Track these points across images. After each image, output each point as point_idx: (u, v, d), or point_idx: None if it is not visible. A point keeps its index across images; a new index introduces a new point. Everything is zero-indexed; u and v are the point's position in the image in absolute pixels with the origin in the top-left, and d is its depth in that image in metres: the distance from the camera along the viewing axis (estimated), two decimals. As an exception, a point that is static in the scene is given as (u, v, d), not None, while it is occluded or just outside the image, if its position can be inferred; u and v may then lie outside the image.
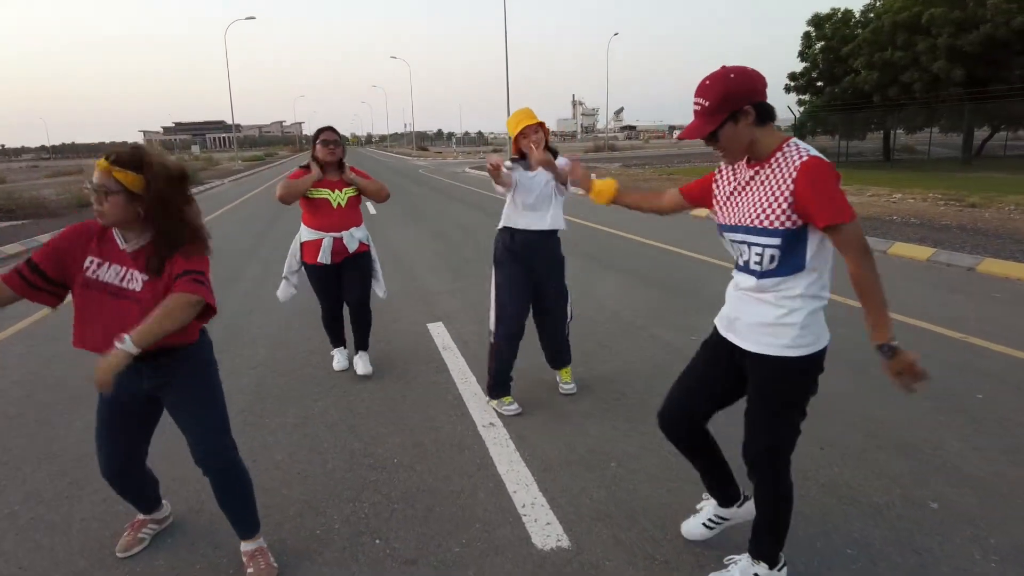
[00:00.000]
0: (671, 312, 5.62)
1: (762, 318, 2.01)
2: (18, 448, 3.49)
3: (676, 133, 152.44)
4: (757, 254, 1.96)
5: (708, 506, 2.53)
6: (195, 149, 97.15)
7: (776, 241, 1.90)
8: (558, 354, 3.87)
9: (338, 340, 4.49)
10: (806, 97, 28.68)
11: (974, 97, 20.99)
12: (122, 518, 2.77)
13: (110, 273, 2.11)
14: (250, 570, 2.36)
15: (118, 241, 2.12)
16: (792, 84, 28.88)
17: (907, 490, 2.76)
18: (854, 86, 24.37)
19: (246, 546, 2.41)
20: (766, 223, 1.90)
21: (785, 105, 29.54)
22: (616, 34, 59.86)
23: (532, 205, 3.55)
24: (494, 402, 3.71)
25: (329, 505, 2.81)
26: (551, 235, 3.66)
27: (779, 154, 1.89)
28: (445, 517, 2.67)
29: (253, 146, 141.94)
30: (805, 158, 1.83)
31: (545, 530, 2.56)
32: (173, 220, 2.06)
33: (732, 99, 1.84)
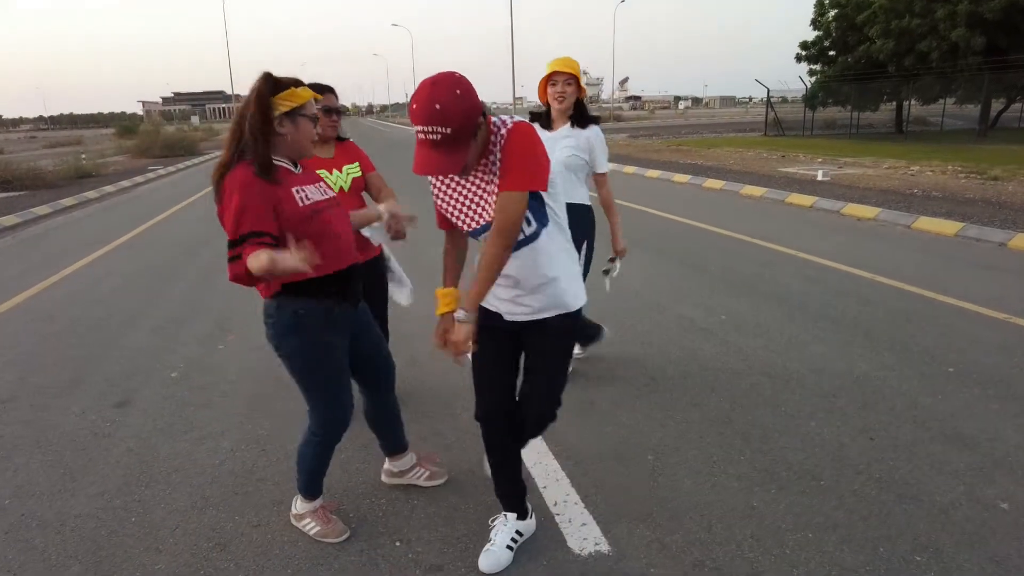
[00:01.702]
0: (695, 290, 5.36)
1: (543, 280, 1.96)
2: (10, 436, 3.28)
3: (682, 104, 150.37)
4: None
5: (504, 526, 2.25)
6: (195, 120, 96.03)
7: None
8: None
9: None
10: (817, 67, 27.98)
11: (994, 67, 20.39)
12: (120, 515, 2.57)
13: (314, 193, 2.09)
14: (425, 474, 2.65)
15: (290, 168, 2.07)
16: (803, 54, 28.14)
17: (972, 487, 2.54)
18: (868, 55, 23.68)
19: (400, 462, 2.62)
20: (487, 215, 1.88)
21: (796, 76, 28.89)
22: (622, 1, 58.49)
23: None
24: None
25: (344, 500, 2.60)
26: (584, 212, 3.41)
27: (492, 137, 1.81)
28: (471, 517, 2.45)
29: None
30: (509, 125, 1.80)
31: (581, 531, 2.34)
32: None
33: (473, 115, 1.69)
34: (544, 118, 3.32)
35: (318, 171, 2.74)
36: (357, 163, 3.03)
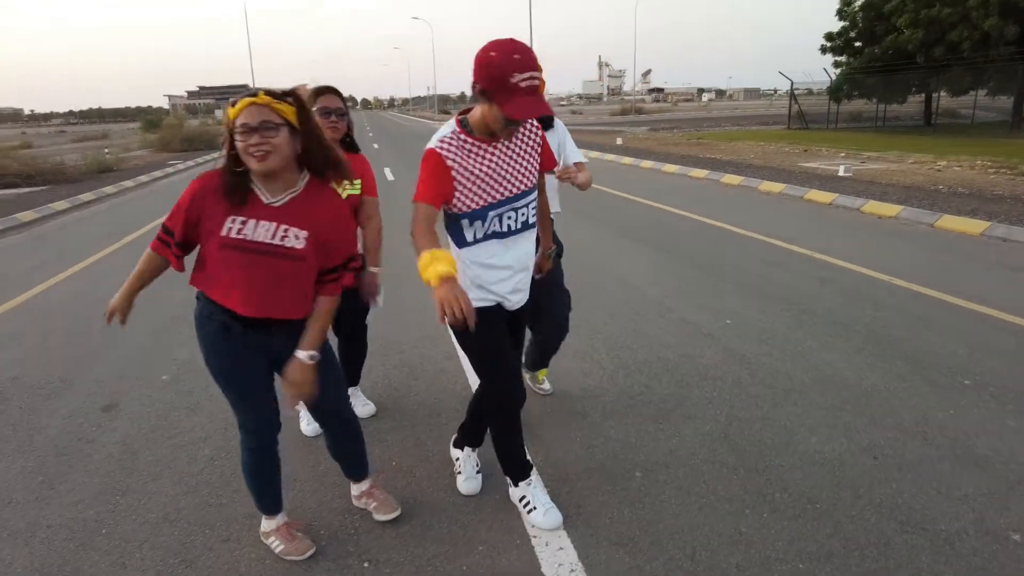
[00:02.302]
0: (702, 292, 5.20)
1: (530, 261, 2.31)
2: (-4, 439, 3.26)
3: (705, 96, 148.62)
4: (532, 208, 2.22)
5: (468, 459, 2.65)
6: (218, 113, 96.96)
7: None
8: (541, 353, 3.37)
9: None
10: (843, 58, 27.34)
11: (1027, 57, 19.72)
12: (91, 527, 2.51)
13: (260, 231, 1.93)
14: (373, 504, 2.46)
15: (261, 196, 1.96)
16: (828, 45, 27.50)
17: (981, 515, 2.37)
18: (896, 46, 23.05)
19: (358, 488, 2.49)
20: (532, 179, 2.18)
21: (821, 67, 28.29)
22: (645, -8, 57.65)
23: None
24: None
25: (317, 515, 2.52)
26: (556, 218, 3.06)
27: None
28: (444, 537, 2.35)
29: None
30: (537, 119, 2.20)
31: (557, 556, 2.23)
32: (325, 151, 2.00)
33: None
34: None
35: None
36: (359, 180, 2.82)
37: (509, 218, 2.14)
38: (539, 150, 2.21)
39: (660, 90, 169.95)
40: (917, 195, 9.13)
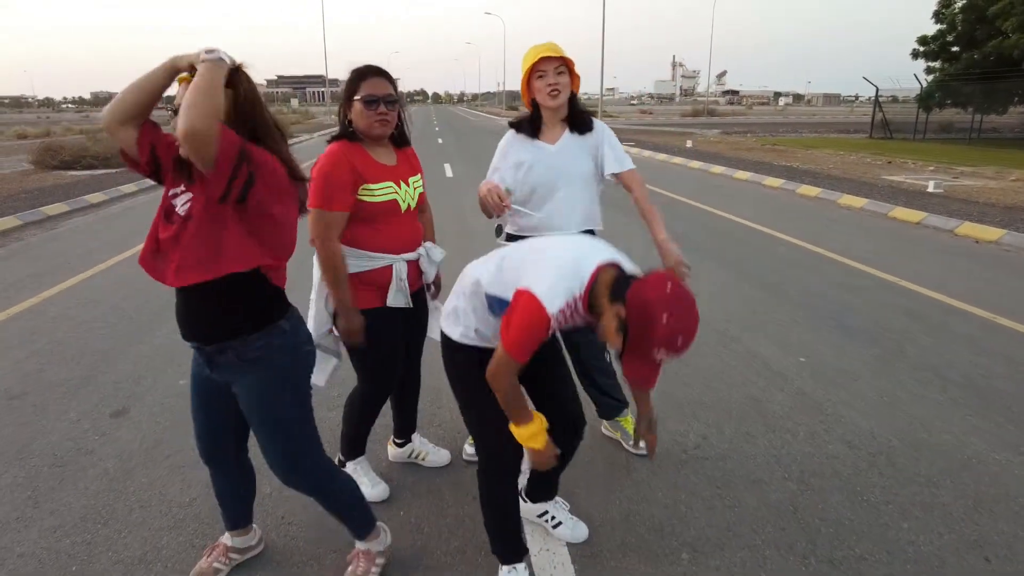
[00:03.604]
0: (772, 319, 4.65)
1: None
2: (0, 442, 3.09)
3: (782, 101, 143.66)
4: None
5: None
6: (294, 103, 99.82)
7: None
8: (604, 395, 2.86)
9: (362, 445, 2.66)
10: (936, 64, 25.56)
11: None
12: (63, 560, 2.26)
13: (181, 201, 1.69)
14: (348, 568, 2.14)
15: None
16: (921, 49, 25.77)
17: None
18: (999, 52, 21.33)
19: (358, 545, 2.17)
20: None
21: (911, 73, 26.59)
22: (724, -9, 55.88)
23: (548, 191, 2.54)
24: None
25: (313, 569, 2.19)
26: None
27: None
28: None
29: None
30: None
31: (579, 661, 1.82)
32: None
33: None
34: (529, 124, 2.56)
35: (387, 182, 2.26)
36: (420, 175, 2.45)
37: None
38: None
39: (735, 92, 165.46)
40: (1022, 217, 8.20)
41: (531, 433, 1.78)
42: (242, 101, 1.66)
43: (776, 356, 3.96)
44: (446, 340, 1.97)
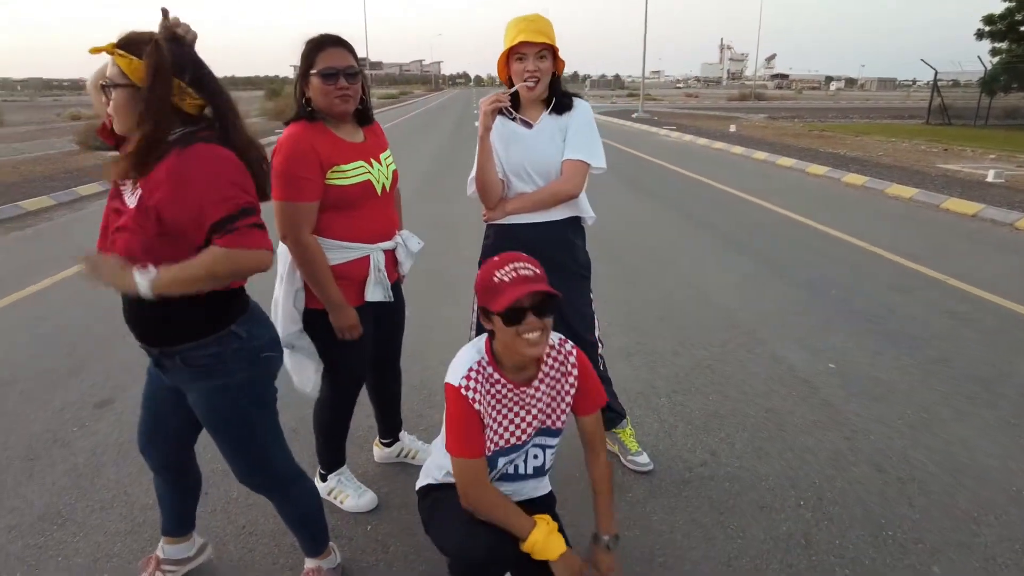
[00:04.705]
0: (803, 320, 4.29)
1: None
2: (-25, 430, 3.00)
3: (833, 85, 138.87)
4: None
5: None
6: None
7: None
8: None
9: (341, 455, 2.46)
10: (1003, 45, 24.09)
11: None
12: (11, 565, 2.14)
13: (121, 199, 1.57)
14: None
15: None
16: (987, 29, 24.34)
17: None
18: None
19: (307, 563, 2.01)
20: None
21: (974, 55, 25.11)
22: (776, -30, 53.93)
23: (527, 178, 2.28)
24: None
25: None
26: (564, 228, 2.34)
27: None
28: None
29: (393, 84, 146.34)
30: None
31: None
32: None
33: None
34: (512, 99, 2.25)
35: (359, 162, 2.03)
36: (388, 150, 2.22)
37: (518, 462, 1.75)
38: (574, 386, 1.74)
39: (784, 76, 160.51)
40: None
41: (539, 541, 1.56)
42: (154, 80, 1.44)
43: (803, 361, 3.63)
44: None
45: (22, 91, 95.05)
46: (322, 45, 1.94)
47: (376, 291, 2.14)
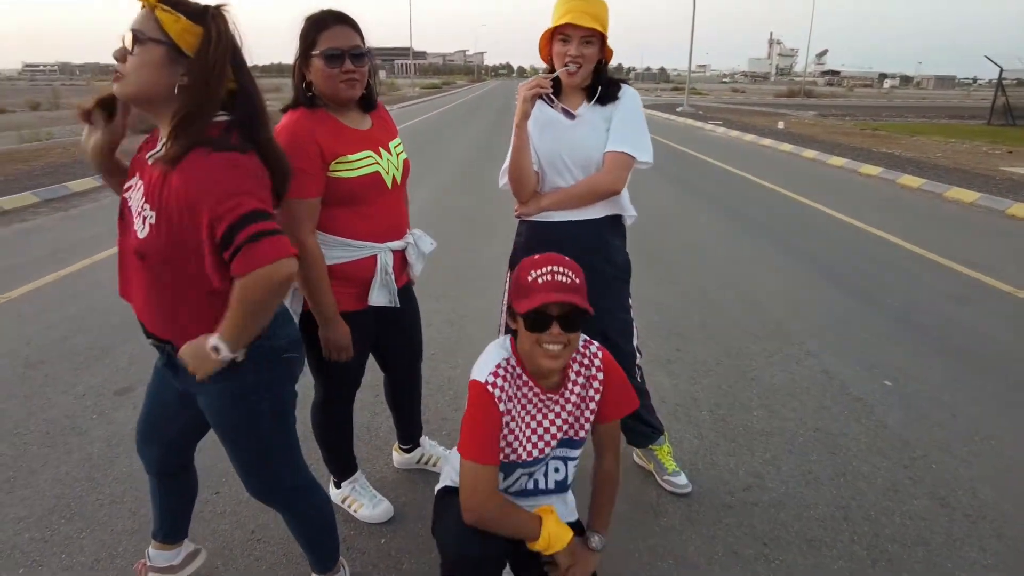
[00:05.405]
0: (858, 332, 4.00)
1: None
2: (1, 414, 2.96)
3: (887, 83, 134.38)
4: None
5: None
6: (382, 74, 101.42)
7: None
8: (635, 420, 2.33)
9: (350, 462, 2.32)
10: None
11: None
12: (16, 559, 2.08)
13: (135, 198, 1.45)
14: None
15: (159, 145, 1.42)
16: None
17: None
18: None
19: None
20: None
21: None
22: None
23: (564, 170, 2.08)
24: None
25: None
26: (601, 227, 2.15)
27: None
28: None
29: (436, 74, 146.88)
30: None
31: None
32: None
33: None
34: (554, 85, 2.07)
35: (367, 151, 1.85)
36: (399, 137, 2.03)
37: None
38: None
39: (835, 73, 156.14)
40: None
41: (548, 537, 1.48)
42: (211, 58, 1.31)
43: (858, 378, 3.37)
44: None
45: (80, 75, 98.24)
46: (324, 23, 1.73)
47: (381, 295, 1.95)
